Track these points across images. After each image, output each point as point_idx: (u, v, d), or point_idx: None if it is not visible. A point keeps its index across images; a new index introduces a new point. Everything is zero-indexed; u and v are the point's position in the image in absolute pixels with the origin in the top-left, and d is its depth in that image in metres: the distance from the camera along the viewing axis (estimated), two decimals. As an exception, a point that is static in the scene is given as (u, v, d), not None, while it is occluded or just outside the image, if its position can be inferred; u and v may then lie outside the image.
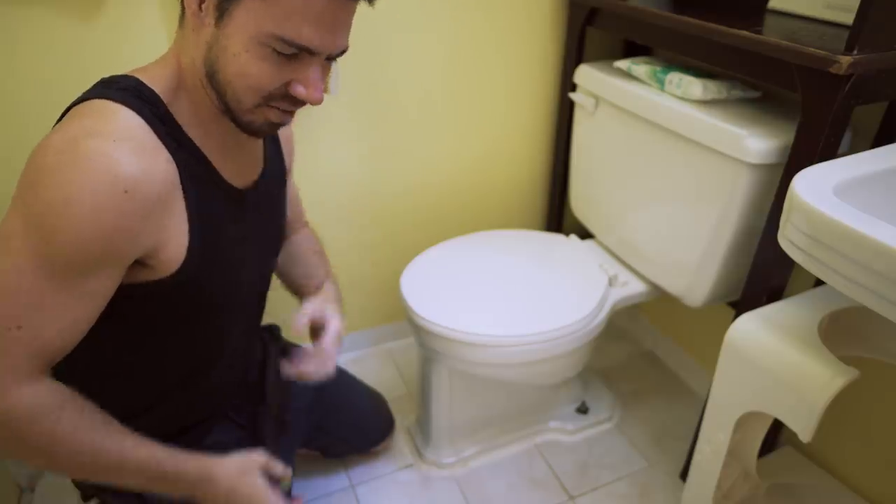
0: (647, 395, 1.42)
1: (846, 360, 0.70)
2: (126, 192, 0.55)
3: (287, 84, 0.62)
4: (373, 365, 1.48)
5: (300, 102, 0.64)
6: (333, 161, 1.25)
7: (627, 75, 1.14)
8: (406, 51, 1.21)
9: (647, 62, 1.11)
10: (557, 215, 1.50)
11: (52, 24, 0.94)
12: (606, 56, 1.27)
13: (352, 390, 1.17)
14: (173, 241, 0.63)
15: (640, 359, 1.54)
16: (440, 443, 1.22)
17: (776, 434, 1.18)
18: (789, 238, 0.65)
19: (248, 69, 0.59)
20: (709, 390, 0.86)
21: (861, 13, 0.72)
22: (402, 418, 1.32)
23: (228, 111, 0.64)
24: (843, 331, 0.83)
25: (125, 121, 0.58)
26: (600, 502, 1.16)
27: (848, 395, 0.68)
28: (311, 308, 0.87)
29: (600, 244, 1.32)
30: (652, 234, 1.14)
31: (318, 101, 0.63)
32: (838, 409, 0.75)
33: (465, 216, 1.46)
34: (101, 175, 0.54)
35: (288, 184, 0.89)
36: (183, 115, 0.64)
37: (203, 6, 0.59)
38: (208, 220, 0.67)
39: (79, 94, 1.03)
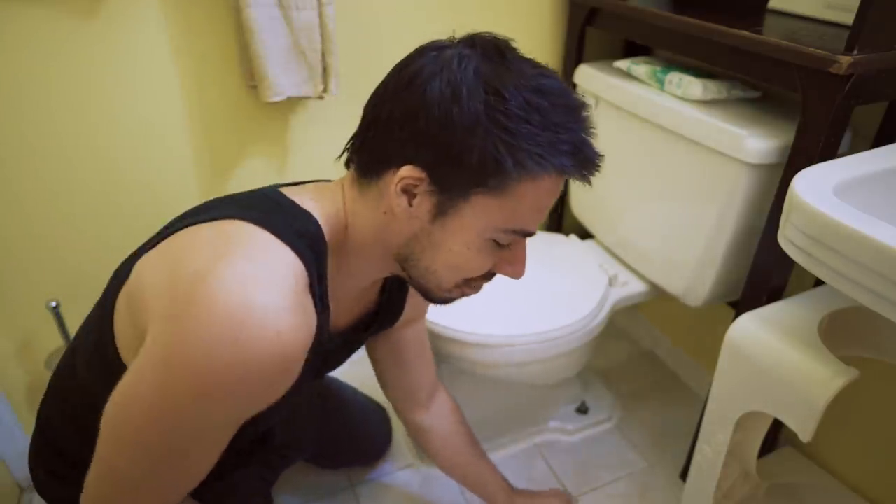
0: (647, 395, 1.41)
1: (846, 360, 0.70)
2: (287, 370, 0.51)
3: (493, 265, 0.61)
4: (373, 365, 1.48)
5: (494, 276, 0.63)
6: (332, 160, 1.25)
7: (627, 75, 1.14)
8: (406, 50, 1.20)
9: (647, 62, 1.11)
10: (557, 215, 1.50)
11: (51, 22, 0.94)
12: (606, 56, 1.27)
13: (355, 410, 1.17)
14: None
15: (640, 359, 1.54)
16: (440, 443, 1.22)
17: (776, 434, 1.18)
18: (789, 238, 0.65)
19: (464, 263, 0.58)
20: (709, 390, 0.86)
21: (861, 13, 0.72)
22: (402, 418, 1.33)
23: (421, 289, 0.63)
24: (843, 331, 0.82)
25: (296, 284, 0.52)
26: (600, 502, 1.16)
27: (848, 395, 0.68)
28: None
29: (600, 244, 1.32)
30: (652, 234, 1.14)
31: (522, 276, 0.63)
32: (838, 409, 0.75)
33: (465, 216, 1.46)
34: (272, 358, 0.48)
35: (408, 334, 0.88)
36: (330, 269, 0.60)
37: (414, 202, 0.55)
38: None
39: (77, 92, 1.03)
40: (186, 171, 1.12)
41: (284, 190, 0.61)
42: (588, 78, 1.21)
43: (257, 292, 0.48)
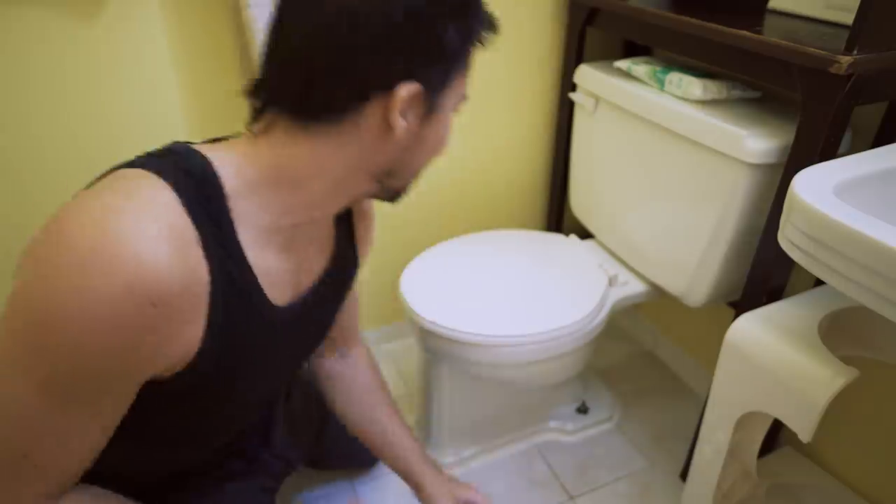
0: (647, 395, 1.41)
1: (846, 360, 0.70)
2: (154, 305, 0.45)
3: None
4: (373, 365, 1.49)
5: None
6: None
7: (627, 75, 1.14)
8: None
9: (647, 62, 1.11)
10: (557, 215, 1.50)
11: (52, 23, 0.94)
12: (606, 56, 1.27)
13: None
14: (187, 346, 0.52)
15: (640, 359, 1.54)
16: (440, 443, 1.22)
17: (776, 434, 1.18)
18: (789, 238, 0.65)
19: (442, 143, 0.60)
20: (709, 390, 0.86)
21: (861, 13, 0.72)
22: (402, 418, 1.33)
23: (394, 194, 0.62)
24: (843, 331, 0.82)
25: (167, 216, 0.47)
26: (600, 502, 1.16)
27: (848, 395, 0.68)
28: None
29: (600, 244, 1.32)
30: (652, 234, 1.14)
31: None
32: (838, 409, 0.75)
33: (464, 216, 1.46)
34: (128, 285, 0.44)
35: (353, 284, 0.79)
36: (247, 218, 0.54)
37: (408, 117, 0.53)
38: (229, 333, 0.55)
39: (77, 93, 1.03)
40: (186, 171, 1.12)
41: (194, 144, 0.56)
42: (588, 78, 1.21)
43: (115, 219, 0.44)
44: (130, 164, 0.51)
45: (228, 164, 0.53)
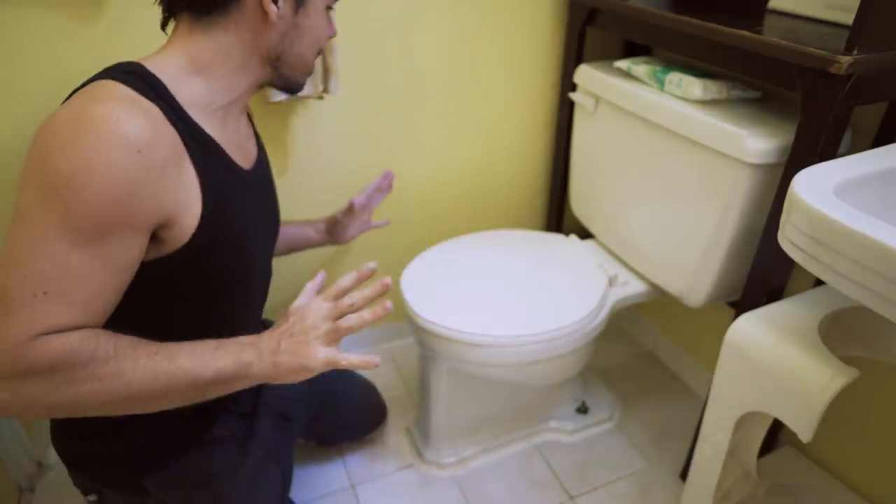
0: (647, 395, 1.41)
1: (846, 360, 0.70)
2: (139, 151, 0.57)
3: None
4: (373, 365, 1.49)
5: None
6: (333, 160, 1.25)
7: (627, 75, 1.14)
8: (406, 50, 1.21)
9: (647, 62, 1.11)
10: (557, 215, 1.50)
11: (52, 24, 0.94)
12: (606, 56, 1.27)
13: (345, 380, 1.19)
14: (186, 207, 0.64)
15: (640, 359, 1.54)
16: (440, 443, 1.22)
17: (776, 434, 1.18)
18: (789, 238, 0.65)
19: (320, 33, 0.75)
20: (709, 390, 0.87)
21: (861, 13, 0.72)
22: (402, 418, 1.32)
23: (291, 82, 0.76)
24: (843, 331, 0.83)
25: (130, 98, 0.60)
26: (600, 502, 1.16)
27: (848, 395, 0.69)
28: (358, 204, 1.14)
29: (600, 244, 1.32)
30: (652, 234, 1.14)
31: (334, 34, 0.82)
32: (838, 409, 0.75)
33: (464, 216, 1.46)
34: (113, 136, 0.56)
35: None
36: (187, 100, 0.67)
37: (279, 5, 0.68)
38: (219, 193, 0.68)
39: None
40: (186, 171, 1.12)
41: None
42: (588, 78, 1.21)
43: (89, 100, 0.59)
44: (86, 83, 0.64)
45: (157, 64, 0.67)
